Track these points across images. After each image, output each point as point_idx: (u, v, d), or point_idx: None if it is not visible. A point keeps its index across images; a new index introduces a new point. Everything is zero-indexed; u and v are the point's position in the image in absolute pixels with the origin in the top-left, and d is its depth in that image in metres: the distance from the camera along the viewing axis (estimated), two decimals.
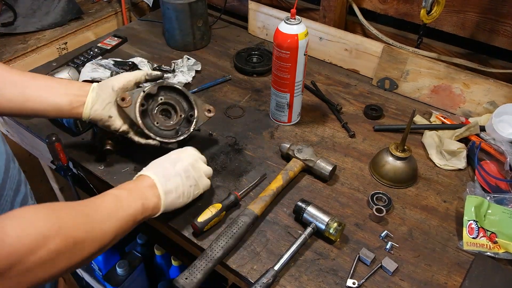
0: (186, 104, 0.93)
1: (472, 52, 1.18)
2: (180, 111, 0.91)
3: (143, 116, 0.86)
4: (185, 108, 0.93)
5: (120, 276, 1.46)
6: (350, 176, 0.95)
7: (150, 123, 0.88)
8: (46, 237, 0.51)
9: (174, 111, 0.91)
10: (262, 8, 1.38)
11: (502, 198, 0.84)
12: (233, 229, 0.79)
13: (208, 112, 0.93)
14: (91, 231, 0.59)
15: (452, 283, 0.75)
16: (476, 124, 1.00)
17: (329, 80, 1.25)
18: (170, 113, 0.92)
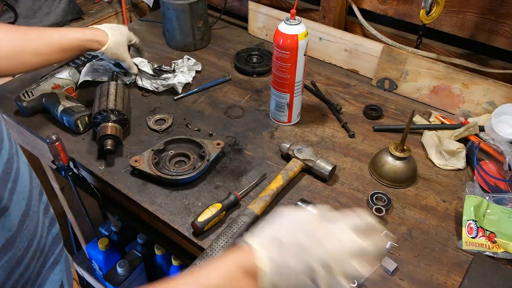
0: (196, 146, 0.98)
1: (471, 52, 1.18)
2: (192, 155, 0.97)
3: (159, 167, 0.93)
4: (196, 150, 0.98)
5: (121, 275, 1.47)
6: (350, 176, 0.96)
7: (167, 171, 0.92)
8: None
9: (187, 157, 0.97)
10: (262, 8, 1.39)
11: (501, 198, 0.84)
12: (233, 229, 0.79)
13: (217, 145, 0.97)
14: None
15: (452, 282, 0.75)
16: (475, 124, 1.00)
17: (329, 80, 1.25)
18: (185, 161, 0.97)
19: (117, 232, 1.58)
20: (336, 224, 0.52)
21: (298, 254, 0.49)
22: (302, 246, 0.49)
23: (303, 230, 0.51)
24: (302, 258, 0.48)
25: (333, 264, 0.48)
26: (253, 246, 0.50)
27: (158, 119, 1.09)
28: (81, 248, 1.73)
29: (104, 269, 1.54)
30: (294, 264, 0.48)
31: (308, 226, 0.51)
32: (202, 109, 1.14)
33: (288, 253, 0.49)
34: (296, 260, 0.48)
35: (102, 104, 1.00)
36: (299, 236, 0.50)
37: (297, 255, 0.49)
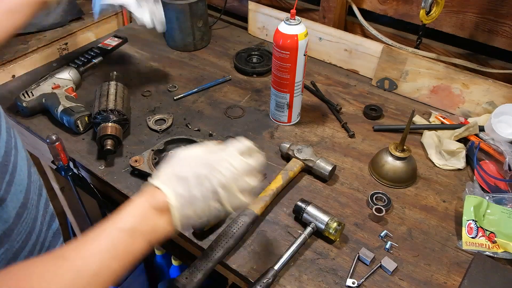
0: None
1: (471, 52, 1.18)
2: None
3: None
4: None
5: None
6: (350, 176, 0.96)
7: None
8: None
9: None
10: (262, 8, 1.39)
11: (501, 198, 0.84)
12: (233, 229, 0.79)
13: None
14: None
15: (452, 282, 0.75)
16: (475, 124, 1.00)
17: (328, 80, 1.25)
18: None
19: None
20: (225, 151, 0.60)
21: (200, 183, 0.56)
22: (201, 176, 0.56)
23: (199, 162, 0.58)
24: (204, 186, 0.56)
25: (231, 184, 0.57)
26: (159, 186, 0.55)
27: (158, 119, 1.10)
28: None
29: None
30: (198, 192, 0.55)
31: (202, 158, 0.59)
32: (202, 109, 1.14)
33: (191, 184, 0.55)
34: (200, 189, 0.55)
35: (102, 104, 1.00)
36: (197, 168, 0.57)
37: (200, 184, 0.56)
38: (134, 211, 0.55)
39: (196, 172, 0.57)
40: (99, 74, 1.27)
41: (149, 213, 0.54)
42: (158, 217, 0.55)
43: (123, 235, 0.52)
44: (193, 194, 0.56)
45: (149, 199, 0.55)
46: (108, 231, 0.52)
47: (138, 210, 0.55)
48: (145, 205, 0.55)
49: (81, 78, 1.19)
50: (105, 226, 0.52)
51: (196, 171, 0.57)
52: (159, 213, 0.55)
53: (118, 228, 0.52)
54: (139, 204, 0.55)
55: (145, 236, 0.54)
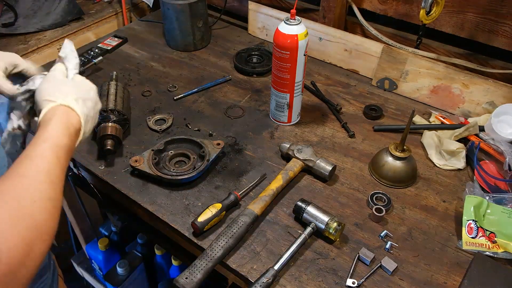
0: (196, 146, 0.98)
1: (471, 52, 1.18)
2: (192, 155, 0.96)
3: (159, 167, 0.93)
4: (196, 150, 0.98)
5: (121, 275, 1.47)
6: (350, 176, 0.96)
7: (167, 171, 0.92)
8: (29, 243, 0.48)
9: (187, 157, 0.97)
10: (262, 8, 1.39)
11: (501, 198, 0.84)
12: (233, 229, 0.79)
13: (217, 145, 0.97)
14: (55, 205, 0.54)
15: (452, 282, 0.75)
16: (475, 124, 1.00)
17: (329, 81, 1.25)
18: (185, 161, 0.96)
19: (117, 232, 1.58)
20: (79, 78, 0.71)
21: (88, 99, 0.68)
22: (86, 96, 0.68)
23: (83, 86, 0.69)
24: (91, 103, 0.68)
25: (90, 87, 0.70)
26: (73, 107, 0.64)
27: (158, 119, 1.10)
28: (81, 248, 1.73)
29: (104, 269, 1.54)
30: (93, 111, 0.68)
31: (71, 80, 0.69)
32: (202, 109, 1.14)
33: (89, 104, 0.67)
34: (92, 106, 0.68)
35: (102, 104, 1.00)
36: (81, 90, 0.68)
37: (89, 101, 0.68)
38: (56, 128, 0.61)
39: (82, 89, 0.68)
40: (99, 74, 1.27)
41: (68, 132, 0.62)
42: (74, 136, 0.63)
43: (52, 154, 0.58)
44: (90, 111, 0.68)
45: (66, 120, 0.63)
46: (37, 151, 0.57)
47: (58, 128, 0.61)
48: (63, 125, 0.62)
49: None
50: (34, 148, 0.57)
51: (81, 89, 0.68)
52: (75, 132, 0.63)
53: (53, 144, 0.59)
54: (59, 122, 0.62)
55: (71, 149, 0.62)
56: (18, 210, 0.49)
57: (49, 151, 0.57)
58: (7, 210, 0.48)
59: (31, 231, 0.49)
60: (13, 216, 0.48)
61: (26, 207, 0.50)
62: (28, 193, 0.52)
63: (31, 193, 0.52)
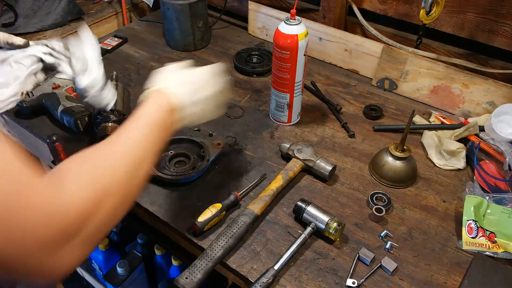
0: (196, 146, 0.98)
1: (471, 52, 1.18)
2: (192, 155, 0.96)
3: (159, 167, 0.93)
4: (196, 150, 0.98)
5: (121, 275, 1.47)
6: (350, 176, 0.96)
7: (167, 171, 0.92)
8: (101, 198, 0.50)
9: (187, 157, 0.96)
10: (262, 8, 1.39)
11: (501, 198, 0.84)
12: (233, 229, 0.79)
13: (217, 145, 0.97)
14: (136, 176, 0.58)
15: (452, 282, 0.75)
16: (475, 124, 1.00)
17: (329, 80, 1.25)
18: (185, 161, 0.96)
19: (117, 232, 1.58)
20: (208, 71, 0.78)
21: (194, 90, 0.72)
22: (190, 82, 0.73)
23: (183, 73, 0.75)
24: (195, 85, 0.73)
25: (209, 80, 0.76)
26: (168, 91, 0.69)
27: None
28: None
29: (104, 269, 1.54)
30: (193, 90, 0.72)
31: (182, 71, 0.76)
32: None
33: (187, 86, 0.71)
34: (194, 88, 0.72)
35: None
36: (185, 78, 0.74)
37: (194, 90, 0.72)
38: (150, 109, 0.67)
39: (184, 80, 0.73)
40: None
41: (161, 111, 0.67)
42: (168, 116, 0.67)
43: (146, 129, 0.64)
44: (196, 99, 0.71)
45: (159, 100, 0.68)
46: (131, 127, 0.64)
47: (152, 108, 0.67)
48: (156, 106, 0.67)
49: None
50: (128, 123, 0.64)
51: (184, 79, 0.73)
52: (169, 112, 0.67)
53: (138, 120, 0.66)
54: (153, 104, 0.68)
55: (162, 127, 0.66)
56: (97, 170, 0.52)
57: (141, 124, 0.64)
58: (87, 168, 0.52)
59: (105, 192, 0.51)
60: (91, 174, 0.51)
61: (106, 168, 0.54)
62: (112, 158, 0.56)
63: (115, 158, 0.56)
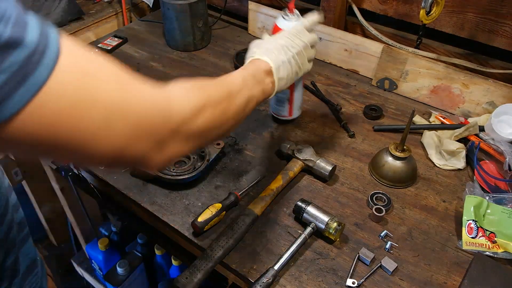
0: None
1: (471, 52, 1.18)
2: (192, 155, 0.96)
3: None
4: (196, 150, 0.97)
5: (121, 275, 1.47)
6: (350, 176, 0.96)
7: (167, 171, 0.92)
8: (203, 106, 0.56)
9: (187, 157, 0.96)
10: (262, 8, 1.38)
11: (501, 198, 0.84)
12: (233, 229, 0.79)
13: (217, 145, 0.97)
14: (231, 104, 0.64)
15: (452, 282, 0.75)
16: (475, 124, 1.00)
17: (329, 80, 1.25)
18: (185, 161, 0.96)
19: (117, 232, 1.58)
20: (296, 30, 0.83)
21: (285, 52, 0.78)
22: (285, 47, 0.78)
23: (279, 39, 0.80)
24: (288, 54, 0.78)
25: (304, 51, 0.81)
26: (260, 57, 0.76)
27: None
28: (81, 248, 1.73)
29: (104, 269, 1.54)
30: (285, 58, 0.77)
31: (282, 37, 0.80)
32: None
33: (280, 53, 0.77)
34: (286, 56, 0.77)
35: None
36: (280, 42, 0.79)
37: (285, 53, 0.78)
38: (248, 70, 0.74)
39: (280, 44, 0.78)
40: None
41: (259, 70, 0.74)
42: (264, 75, 0.74)
43: (248, 74, 0.72)
44: (283, 60, 0.77)
45: (256, 64, 0.75)
46: (236, 72, 0.72)
47: (250, 69, 0.74)
48: (255, 67, 0.75)
49: None
50: (232, 72, 0.71)
51: (280, 44, 0.78)
52: (265, 73, 0.75)
53: (242, 69, 0.73)
54: (250, 67, 0.75)
55: (260, 81, 0.73)
56: (202, 83, 0.60)
57: (241, 73, 0.71)
58: (193, 82, 0.58)
59: (207, 100, 0.58)
60: (198, 84, 0.59)
61: (210, 85, 0.62)
62: (213, 82, 0.63)
63: (216, 83, 0.64)
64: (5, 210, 0.69)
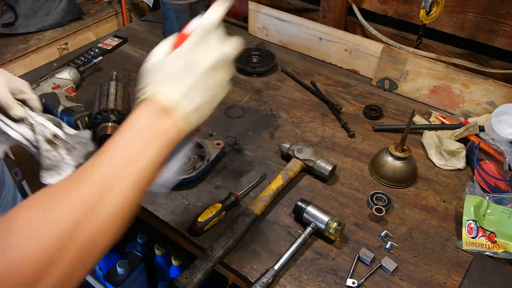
0: (196, 146, 0.97)
1: (471, 52, 1.18)
2: (192, 155, 0.96)
3: None
4: (196, 150, 0.97)
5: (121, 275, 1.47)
6: (350, 176, 0.96)
7: None
8: (58, 248, 0.42)
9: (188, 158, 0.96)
10: (262, 8, 1.38)
11: (501, 198, 0.84)
12: (233, 229, 0.79)
13: (217, 145, 0.97)
14: (103, 215, 0.46)
15: (452, 282, 0.75)
16: (475, 124, 1.00)
17: (329, 80, 1.25)
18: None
19: None
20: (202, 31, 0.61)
21: (191, 71, 0.56)
22: (189, 65, 0.56)
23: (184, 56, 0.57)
24: (196, 72, 0.56)
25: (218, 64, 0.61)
26: (155, 92, 0.54)
27: None
28: None
29: (104, 269, 1.54)
30: (192, 80, 0.56)
31: (184, 51, 0.58)
32: None
33: (184, 76, 0.56)
34: (192, 77, 0.56)
35: (102, 104, 1.00)
36: (182, 63, 0.56)
37: (191, 73, 0.56)
38: (134, 121, 0.53)
39: (182, 63, 0.57)
40: (99, 74, 1.27)
41: (150, 119, 0.53)
42: (160, 120, 0.53)
43: (135, 138, 0.51)
44: (190, 83, 0.56)
45: (147, 108, 0.54)
46: (118, 139, 0.51)
47: (138, 120, 0.53)
48: (143, 114, 0.53)
49: (81, 78, 1.19)
50: (114, 137, 0.51)
51: (182, 62, 0.57)
52: (160, 115, 0.53)
53: (125, 132, 0.52)
54: (138, 114, 0.53)
55: (157, 135, 0.52)
56: (52, 216, 0.43)
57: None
58: (40, 216, 0.43)
59: (61, 244, 0.42)
60: (44, 223, 0.43)
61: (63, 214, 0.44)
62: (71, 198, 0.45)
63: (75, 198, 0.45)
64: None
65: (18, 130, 0.78)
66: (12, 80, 0.78)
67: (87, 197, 0.46)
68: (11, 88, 0.78)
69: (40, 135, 0.79)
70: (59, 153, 0.81)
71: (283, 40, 1.39)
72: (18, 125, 0.78)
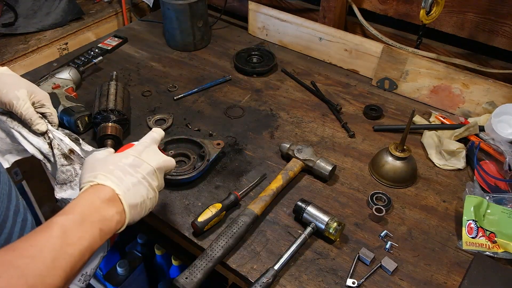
0: (196, 146, 0.98)
1: (471, 52, 1.18)
2: (192, 155, 0.96)
3: None
4: (196, 150, 0.98)
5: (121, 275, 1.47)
6: (350, 176, 0.96)
7: None
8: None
9: (187, 157, 0.96)
10: (262, 8, 1.38)
11: (501, 198, 0.84)
12: (233, 229, 0.79)
13: (217, 145, 0.97)
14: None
15: (452, 282, 0.75)
16: (475, 124, 1.00)
17: (329, 80, 1.25)
18: (185, 161, 0.96)
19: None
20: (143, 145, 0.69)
21: (134, 171, 0.63)
22: (132, 166, 0.64)
23: (126, 159, 0.65)
24: (138, 173, 0.64)
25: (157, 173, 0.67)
26: (101, 182, 0.60)
27: (158, 119, 1.10)
28: None
29: (104, 269, 1.54)
30: (135, 178, 0.63)
31: (128, 156, 0.66)
32: (202, 109, 1.14)
33: (126, 177, 0.62)
34: (135, 175, 0.63)
35: (102, 104, 1.00)
36: (130, 161, 0.65)
37: (134, 172, 0.63)
38: (82, 202, 0.58)
39: (123, 166, 0.63)
40: (99, 74, 1.27)
41: (97, 203, 0.58)
42: (106, 206, 0.58)
43: (73, 223, 0.54)
44: (133, 181, 0.62)
45: (95, 193, 0.59)
46: (56, 221, 0.53)
47: (85, 201, 0.58)
48: (91, 197, 0.59)
49: (81, 78, 1.19)
50: (54, 219, 0.54)
51: (128, 160, 0.64)
52: (107, 202, 0.58)
53: (67, 218, 0.55)
54: (86, 197, 0.59)
55: (95, 223, 0.56)
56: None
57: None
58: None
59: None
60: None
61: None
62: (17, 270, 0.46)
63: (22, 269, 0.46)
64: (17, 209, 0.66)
65: (35, 143, 0.81)
66: (35, 92, 0.82)
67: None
68: (33, 101, 0.81)
69: (57, 150, 0.82)
70: (74, 168, 0.83)
71: (283, 40, 1.39)
72: (36, 138, 0.81)
